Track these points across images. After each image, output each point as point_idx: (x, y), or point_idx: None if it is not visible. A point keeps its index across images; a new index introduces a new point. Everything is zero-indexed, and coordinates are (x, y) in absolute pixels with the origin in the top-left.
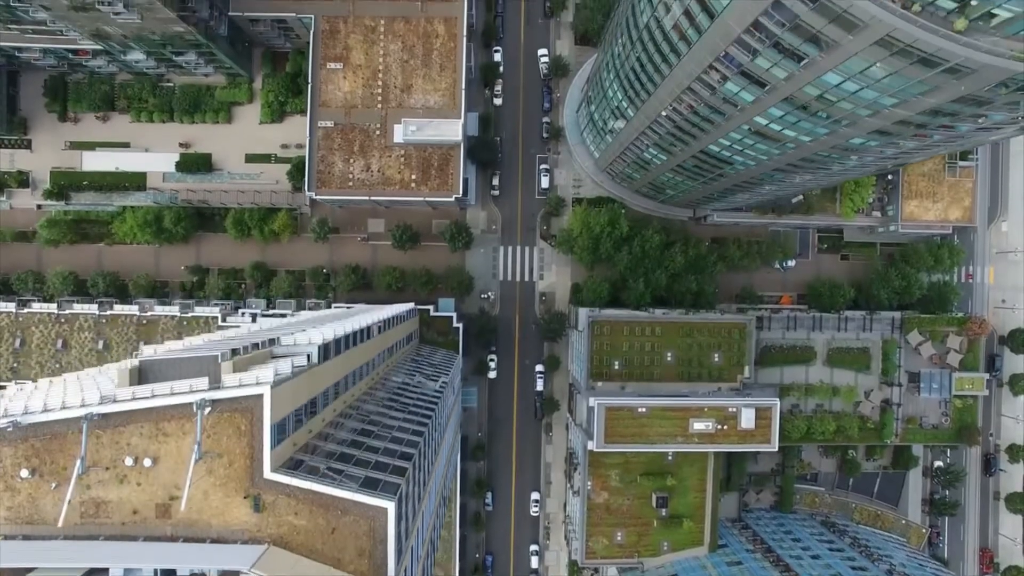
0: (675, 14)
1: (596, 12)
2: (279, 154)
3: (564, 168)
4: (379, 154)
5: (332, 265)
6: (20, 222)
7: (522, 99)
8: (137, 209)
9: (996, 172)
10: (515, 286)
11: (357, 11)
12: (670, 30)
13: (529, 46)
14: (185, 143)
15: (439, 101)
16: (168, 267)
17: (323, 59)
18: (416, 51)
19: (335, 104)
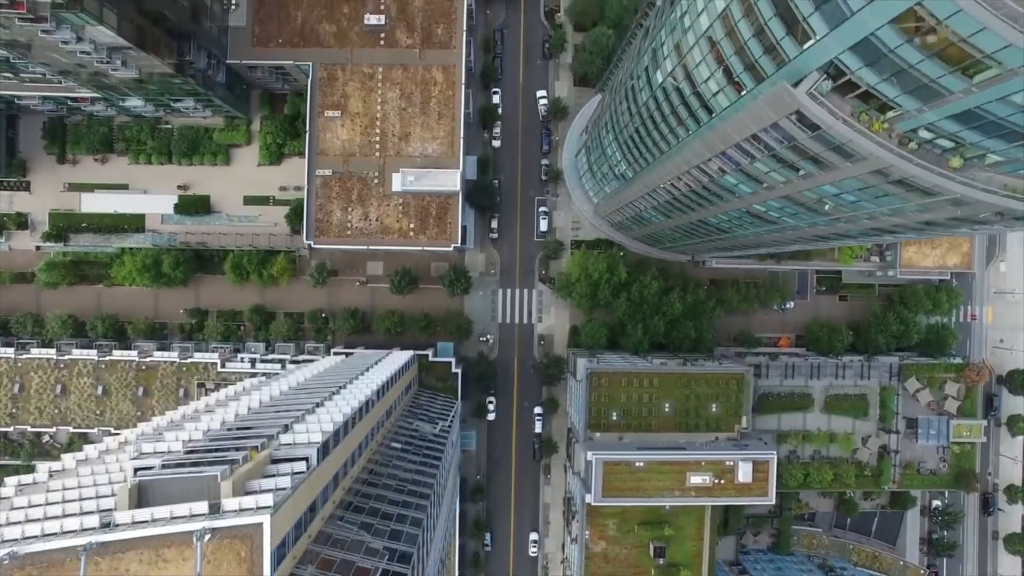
0: (674, 102)
1: (595, 56)
2: (277, 196)
3: (563, 210)
4: (377, 203)
5: (331, 308)
6: (19, 263)
7: (521, 141)
8: (136, 252)
9: None
10: (514, 328)
11: (355, 59)
12: (668, 115)
13: (528, 87)
14: (183, 185)
15: (437, 149)
16: (167, 308)
17: (321, 107)
18: (414, 99)
19: (333, 152)
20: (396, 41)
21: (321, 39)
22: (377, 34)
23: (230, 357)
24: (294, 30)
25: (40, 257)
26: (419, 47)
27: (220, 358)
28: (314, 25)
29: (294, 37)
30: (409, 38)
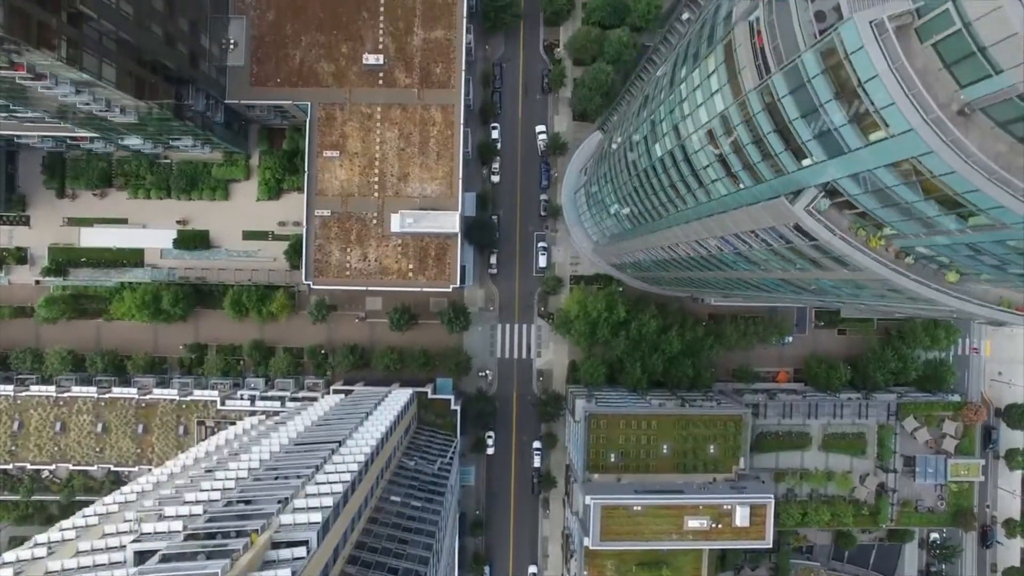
0: (672, 177)
1: (594, 92)
2: (276, 231)
3: (562, 245)
4: (376, 243)
5: (330, 343)
6: (18, 297)
7: (520, 176)
8: (135, 288)
9: None
10: (513, 363)
11: (354, 98)
12: (667, 187)
13: (527, 122)
14: (182, 220)
15: (436, 190)
16: (167, 342)
17: (319, 147)
18: (413, 139)
19: (332, 192)
20: (395, 81)
21: (319, 78)
22: (375, 74)
23: (230, 394)
24: (292, 69)
25: (39, 291)
26: (418, 87)
27: (220, 395)
28: (312, 64)
29: (292, 76)
30: (408, 78)
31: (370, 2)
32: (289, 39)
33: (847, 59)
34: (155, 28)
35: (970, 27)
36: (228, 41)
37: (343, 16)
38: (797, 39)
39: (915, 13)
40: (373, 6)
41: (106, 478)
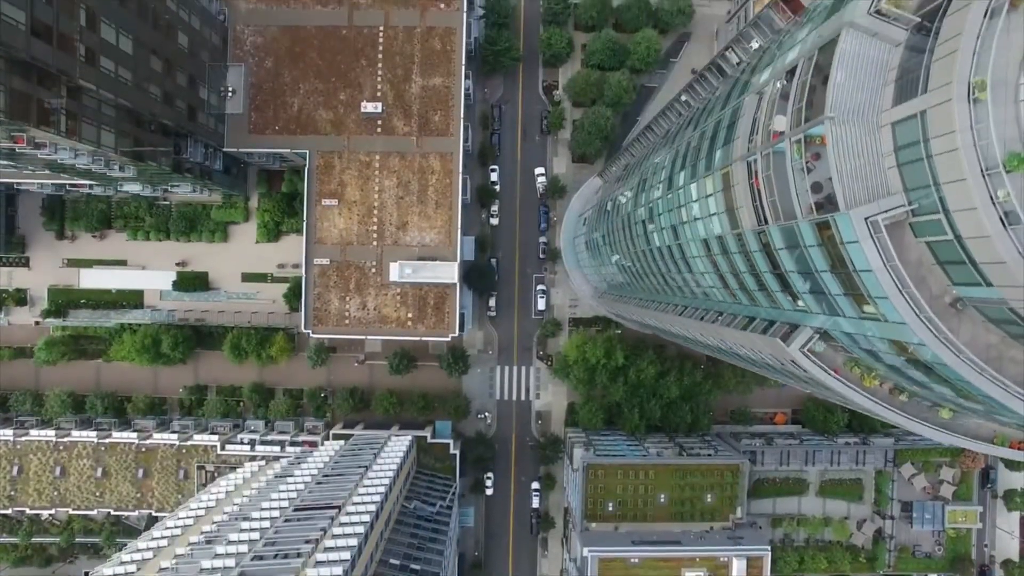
0: (670, 267)
1: (594, 136)
2: (276, 273)
3: (561, 288)
4: (375, 292)
5: (330, 384)
6: (17, 338)
7: (519, 218)
8: (135, 331)
9: None
10: (512, 404)
11: (352, 146)
12: (665, 272)
13: (526, 164)
14: (182, 261)
15: (435, 238)
16: (166, 383)
17: (318, 195)
18: (411, 187)
19: (330, 241)
20: (393, 129)
21: (318, 126)
22: (374, 121)
23: (230, 438)
24: (291, 117)
25: (39, 332)
26: (416, 135)
27: (220, 440)
28: (311, 112)
29: (291, 124)
30: (406, 126)
31: (368, 50)
32: (287, 86)
33: (843, 245)
34: (153, 89)
35: (961, 240)
36: (226, 89)
37: (341, 64)
38: (794, 205)
39: (910, 212)
40: (371, 54)
41: (106, 520)
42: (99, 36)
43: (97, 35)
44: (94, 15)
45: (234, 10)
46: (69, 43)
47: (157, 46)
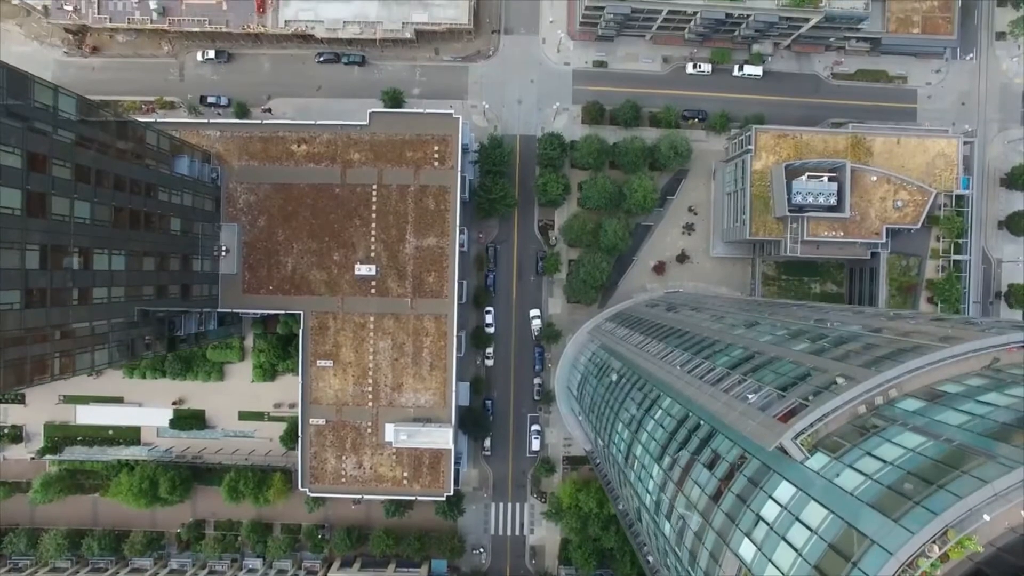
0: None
1: (588, 286)
2: (272, 413)
3: (555, 427)
4: (371, 451)
5: (328, 520)
6: (13, 472)
7: (514, 359)
8: (132, 471)
9: None
10: (506, 540)
11: (346, 307)
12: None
13: (522, 304)
14: (178, 399)
15: (430, 400)
16: (165, 518)
17: (313, 356)
18: (406, 349)
19: (326, 401)
20: (387, 290)
21: (312, 287)
22: (368, 283)
23: None
24: (284, 277)
25: (35, 468)
26: (411, 296)
27: None
28: (305, 272)
29: (285, 284)
30: (400, 287)
31: (361, 209)
32: (281, 246)
33: None
34: (147, 290)
35: None
36: (220, 248)
37: (335, 223)
38: None
39: None
40: (365, 213)
41: None
42: (92, 270)
43: (90, 271)
44: (88, 252)
45: (227, 167)
46: (62, 295)
47: (150, 247)
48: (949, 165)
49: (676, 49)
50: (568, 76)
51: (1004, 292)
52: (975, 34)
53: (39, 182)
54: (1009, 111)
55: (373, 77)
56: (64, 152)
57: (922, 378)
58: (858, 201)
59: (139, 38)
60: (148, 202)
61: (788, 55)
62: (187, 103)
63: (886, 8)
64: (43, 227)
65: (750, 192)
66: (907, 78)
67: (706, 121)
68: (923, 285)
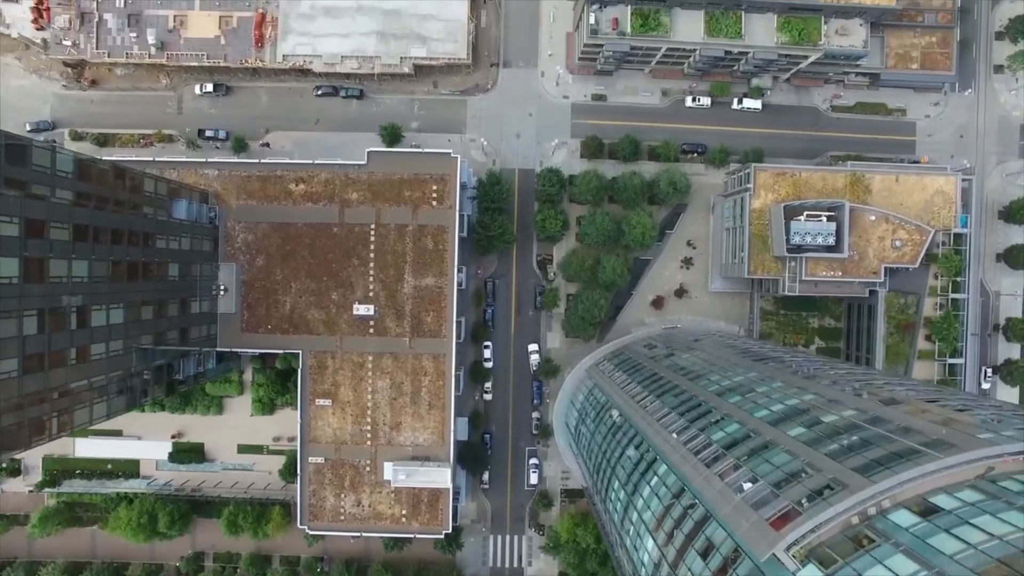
0: None
1: (587, 323)
2: (271, 446)
3: (553, 460)
4: (370, 490)
5: (327, 553)
6: (12, 505)
7: (512, 393)
8: (131, 504)
9: None
10: (504, 573)
11: (345, 347)
12: None
13: (520, 338)
14: (177, 433)
15: (428, 438)
16: (164, 550)
17: (312, 395)
18: (405, 388)
19: (325, 440)
20: (386, 329)
21: (310, 326)
22: (367, 322)
23: None
24: (283, 316)
25: (33, 500)
26: (409, 336)
27: None
28: (303, 312)
29: (283, 323)
30: (399, 327)
31: (360, 248)
32: (279, 285)
33: None
34: (145, 339)
35: None
36: (218, 287)
37: (333, 262)
38: None
39: None
40: (363, 252)
41: None
42: (90, 328)
43: (88, 328)
44: (86, 310)
45: (225, 206)
46: (60, 357)
47: (148, 295)
48: (947, 203)
49: (675, 82)
50: (567, 109)
51: (1002, 325)
52: (973, 67)
53: (37, 247)
54: (1007, 144)
55: (371, 110)
56: (62, 214)
57: (915, 487)
58: (856, 240)
59: (137, 71)
60: (146, 251)
61: (787, 88)
62: (185, 136)
63: (885, 44)
64: (41, 291)
65: (749, 231)
66: (906, 111)
67: (705, 155)
68: (921, 323)
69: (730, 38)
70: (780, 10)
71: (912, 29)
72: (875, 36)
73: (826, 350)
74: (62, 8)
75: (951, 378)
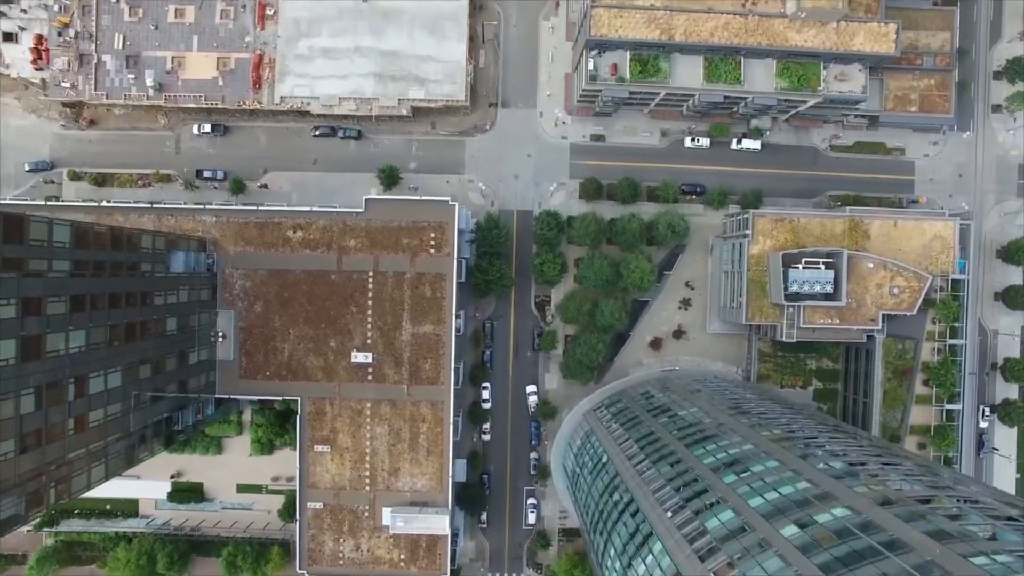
0: None
1: (585, 367)
2: (270, 485)
3: (551, 500)
4: (368, 534)
5: None
6: (10, 544)
7: (510, 433)
8: (131, 545)
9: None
10: None
11: (343, 393)
12: None
13: (518, 379)
14: (176, 472)
15: (427, 484)
16: None
17: (311, 441)
18: (403, 435)
19: (323, 485)
20: (384, 377)
21: (309, 373)
22: (365, 369)
23: None
24: (281, 363)
25: (31, 540)
26: (407, 383)
27: None
28: (301, 358)
29: (281, 370)
30: (397, 374)
31: (358, 295)
32: (278, 332)
33: None
34: (143, 397)
35: None
36: (217, 333)
37: (331, 310)
38: None
39: None
40: (361, 300)
41: None
42: (88, 396)
43: (86, 397)
44: (84, 380)
45: (223, 253)
46: (58, 429)
47: (147, 354)
48: (946, 248)
49: (674, 123)
50: (566, 150)
51: (1000, 365)
52: (972, 107)
53: (34, 325)
54: (1005, 183)
55: (369, 151)
56: (60, 287)
57: None
58: (854, 288)
59: (136, 111)
60: (144, 310)
61: (786, 128)
62: (183, 177)
63: (884, 86)
64: (38, 368)
65: (747, 277)
66: (905, 150)
67: (704, 195)
68: (919, 368)
69: (729, 84)
70: (779, 56)
71: (911, 72)
72: (874, 78)
73: (824, 391)
74: (61, 50)
75: (948, 424)
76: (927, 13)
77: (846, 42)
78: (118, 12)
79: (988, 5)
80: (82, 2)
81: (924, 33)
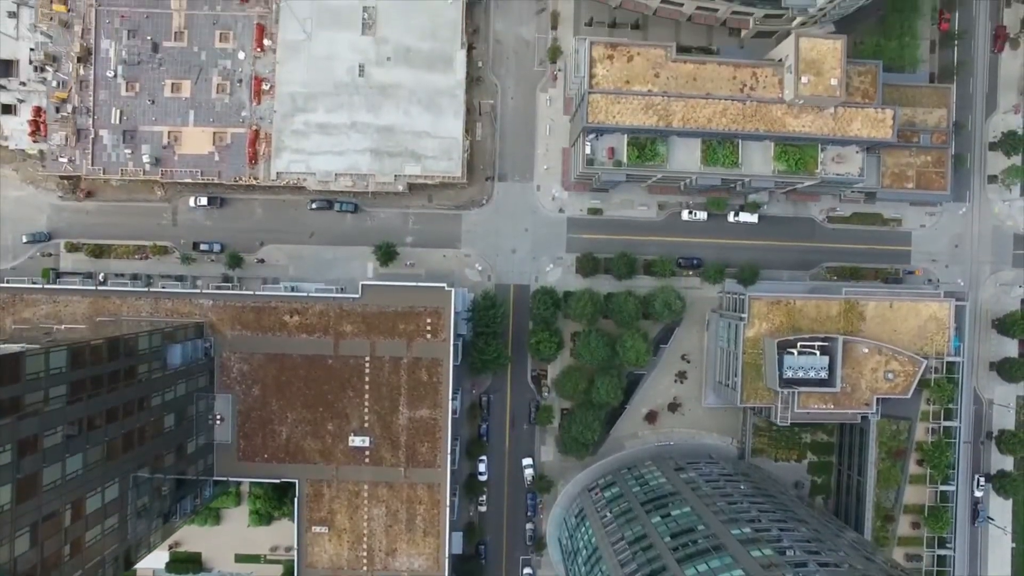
0: None
1: (580, 445)
2: (269, 555)
3: (547, 570)
4: None
5: None
6: None
7: (507, 504)
8: None
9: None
10: None
11: (341, 475)
12: None
13: (515, 451)
14: (174, 543)
15: (424, 564)
16: None
17: (308, 522)
18: (400, 516)
19: (321, 565)
20: (381, 459)
21: (307, 455)
22: (362, 452)
23: None
24: (279, 445)
25: None
26: (404, 466)
27: None
28: (299, 441)
29: (279, 453)
30: (394, 457)
31: (355, 380)
32: (275, 415)
33: None
34: (142, 500)
35: None
36: (215, 417)
37: (328, 394)
38: None
39: None
40: (358, 384)
41: None
42: (85, 518)
43: (83, 519)
44: (81, 502)
45: (220, 337)
46: (55, 558)
47: (143, 459)
48: (941, 328)
49: (672, 196)
50: (563, 224)
51: (995, 435)
52: (968, 178)
53: (31, 463)
54: (1001, 253)
55: (366, 224)
56: (56, 418)
57: None
58: (849, 372)
59: (133, 182)
60: (141, 415)
61: (784, 200)
62: (180, 249)
63: (881, 163)
64: (34, 505)
65: (742, 359)
66: (902, 221)
67: (701, 269)
68: (913, 448)
69: (727, 167)
70: (777, 139)
71: (908, 149)
72: (871, 155)
73: (818, 464)
74: (59, 124)
75: (943, 505)
76: (924, 90)
77: (843, 128)
78: (115, 87)
79: (984, 79)
80: (80, 77)
81: (921, 110)
